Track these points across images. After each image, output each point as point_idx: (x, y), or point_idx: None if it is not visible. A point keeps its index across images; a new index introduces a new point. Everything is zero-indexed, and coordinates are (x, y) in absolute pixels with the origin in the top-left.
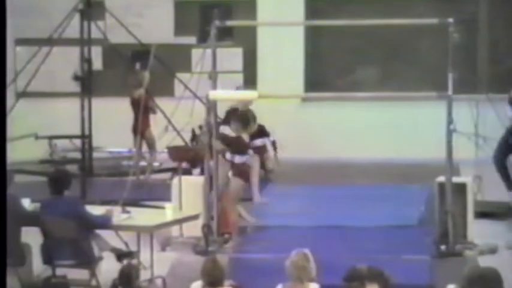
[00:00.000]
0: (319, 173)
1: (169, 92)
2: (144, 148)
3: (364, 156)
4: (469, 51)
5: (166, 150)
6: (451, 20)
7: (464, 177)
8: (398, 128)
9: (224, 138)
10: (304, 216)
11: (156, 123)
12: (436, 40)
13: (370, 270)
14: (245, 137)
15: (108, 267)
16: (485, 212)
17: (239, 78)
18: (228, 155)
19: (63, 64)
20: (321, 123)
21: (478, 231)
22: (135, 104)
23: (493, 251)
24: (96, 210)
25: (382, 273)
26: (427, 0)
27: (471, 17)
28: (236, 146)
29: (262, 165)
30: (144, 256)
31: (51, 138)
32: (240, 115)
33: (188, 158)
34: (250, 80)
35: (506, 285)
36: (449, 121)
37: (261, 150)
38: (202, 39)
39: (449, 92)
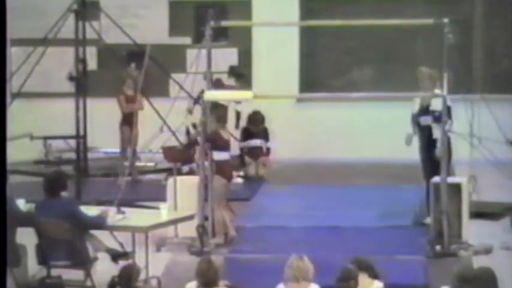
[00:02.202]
0: (314, 173)
1: (164, 92)
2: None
3: (360, 157)
4: (464, 51)
5: (161, 150)
6: (446, 20)
7: (459, 178)
8: (394, 128)
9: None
10: (299, 216)
11: (150, 123)
12: (431, 40)
13: (357, 260)
14: (224, 134)
15: (103, 268)
16: (480, 212)
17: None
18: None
19: (58, 64)
20: (316, 124)
21: (473, 231)
22: (129, 102)
23: (487, 251)
24: (91, 210)
25: (369, 262)
26: (422, 1)
27: (466, 18)
28: (214, 142)
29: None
30: (139, 256)
31: (46, 138)
32: (219, 111)
33: (183, 158)
34: (245, 80)
35: (501, 286)
36: (444, 121)
37: (256, 152)
38: (197, 39)
39: (444, 92)
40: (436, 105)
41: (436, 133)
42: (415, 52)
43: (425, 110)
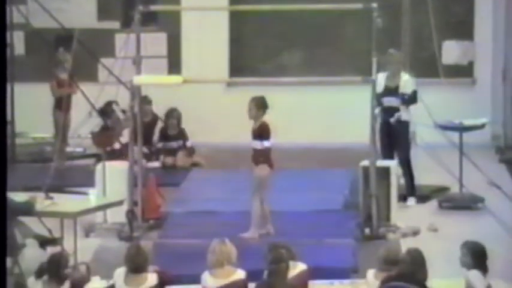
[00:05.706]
0: (244, 158)
1: (92, 77)
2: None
3: (290, 141)
4: (393, 36)
5: (90, 135)
6: (375, 5)
7: (388, 161)
8: (324, 112)
9: None
10: (228, 201)
11: (79, 108)
12: (360, 25)
13: (275, 245)
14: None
15: (31, 255)
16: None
17: (163, 63)
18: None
19: None
20: (246, 108)
21: (401, 214)
22: (61, 86)
23: (415, 233)
24: (18, 196)
25: (287, 246)
26: None
27: (394, 2)
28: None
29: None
30: (68, 242)
31: None
32: (257, 99)
33: (112, 143)
34: (174, 65)
35: (429, 267)
36: (373, 106)
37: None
38: (126, 24)
39: (373, 76)
40: (406, 87)
41: (404, 115)
42: (344, 36)
43: (390, 91)
